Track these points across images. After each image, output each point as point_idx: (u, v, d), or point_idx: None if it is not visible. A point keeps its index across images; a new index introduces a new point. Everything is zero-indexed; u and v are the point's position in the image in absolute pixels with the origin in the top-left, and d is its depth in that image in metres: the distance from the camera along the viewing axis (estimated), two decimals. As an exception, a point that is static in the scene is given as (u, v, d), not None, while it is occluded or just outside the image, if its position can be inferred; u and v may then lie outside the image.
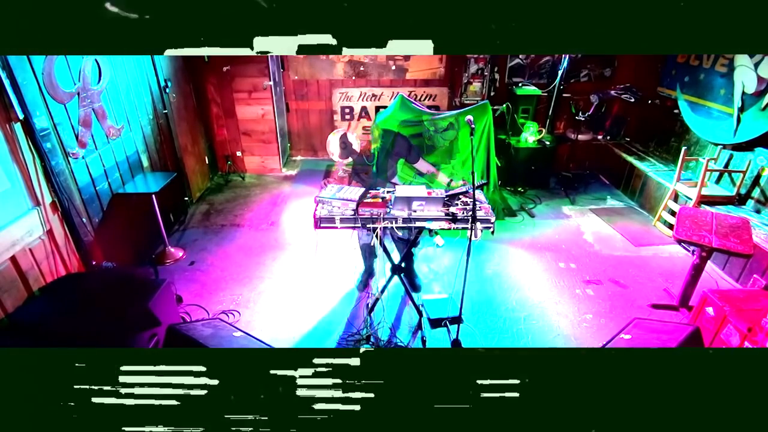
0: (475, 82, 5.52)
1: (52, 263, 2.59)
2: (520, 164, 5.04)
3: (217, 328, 2.34)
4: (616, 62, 5.41)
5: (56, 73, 2.63)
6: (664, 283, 3.45)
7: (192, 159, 4.80)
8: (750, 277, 3.29)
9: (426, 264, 3.67)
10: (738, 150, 3.93)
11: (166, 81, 4.14)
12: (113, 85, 3.30)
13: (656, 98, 5.13)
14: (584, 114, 5.11)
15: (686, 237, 2.87)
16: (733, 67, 3.87)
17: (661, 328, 2.31)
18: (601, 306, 3.19)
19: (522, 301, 3.24)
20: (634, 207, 4.84)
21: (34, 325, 2.17)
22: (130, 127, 3.53)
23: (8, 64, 2.24)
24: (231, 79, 5.12)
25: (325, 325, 2.99)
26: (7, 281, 2.26)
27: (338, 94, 5.68)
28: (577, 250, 3.93)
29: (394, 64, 5.55)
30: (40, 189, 2.51)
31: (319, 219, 2.50)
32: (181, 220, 4.38)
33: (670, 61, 4.85)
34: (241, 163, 5.65)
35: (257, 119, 5.36)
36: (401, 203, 2.51)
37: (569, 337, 2.89)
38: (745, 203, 3.80)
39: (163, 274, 3.44)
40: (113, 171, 3.27)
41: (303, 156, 6.20)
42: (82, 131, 2.90)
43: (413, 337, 2.90)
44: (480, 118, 3.77)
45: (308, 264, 3.60)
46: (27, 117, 2.38)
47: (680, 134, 4.82)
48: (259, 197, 5.02)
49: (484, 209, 2.59)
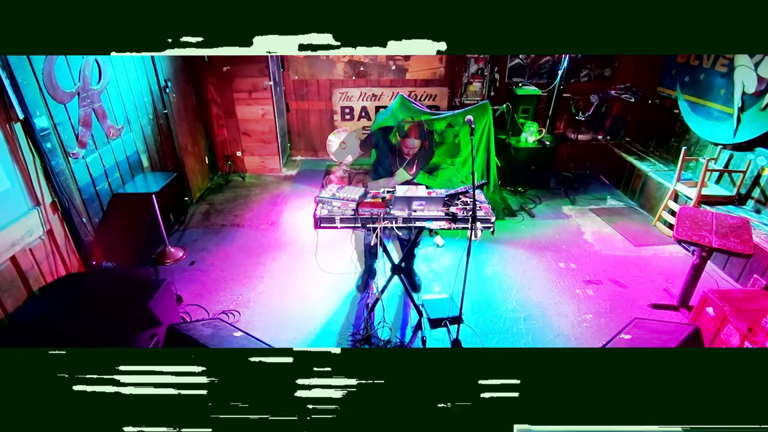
0: (475, 82, 5.52)
1: (52, 263, 2.59)
2: (520, 164, 5.04)
3: (217, 328, 2.34)
4: (616, 62, 5.41)
5: (56, 73, 2.62)
6: (664, 283, 3.45)
7: (192, 159, 4.80)
8: (750, 277, 3.29)
9: (426, 264, 3.67)
10: (738, 150, 3.93)
11: (166, 81, 4.14)
12: (113, 85, 3.30)
13: (656, 98, 5.13)
14: (584, 114, 5.11)
15: (686, 237, 2.87)
16: (733, 67, 3.87)
17: (661, 328, 2.31)
18: (601, 306, 3.19)
19: (522, 301, 3.24)
20: (634, 207, 4.84)
21: (34, 325, 2.16)
22: (130, 127, 3.53)
23: (8, 64, 2.24)
24: (231, 79, 5.12)
25: (325, 325, 2.99)
26: (7, 281, 2.26)
27: (338, 94, 5.67)
28: (577, 250, 3.93)
29: (394, 64, 5.55)
30: (40, 189, 2.51)
31: (319, 219, 2.50)
32: (181, 220, 4.38)
33: (670, 61, 4.85)
34: (241, 163, 5.65)
35: (257, 119, 5.36)
36: (401, 203, 2.51)
37: (569, 337, 2.89)
38: (745, 203, 3.80)
39: (163, 274, 3.45)
40: (113, 171, 3.27)
41: (303, 156, 6.20)
42: (82, 131, 2.90)
43: (413, 337, 2.90)
44: (480, 118, 3.77)
45: (308, 264, 3.60)
46: (27, 117, 2.37)
47: (680, 134, 4.82)
48: (259, 197, 5.02)
49: (484, 209, 2.58)
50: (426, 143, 3.33)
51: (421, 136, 3.26)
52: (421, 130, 3.27)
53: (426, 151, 3.43)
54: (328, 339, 2.87)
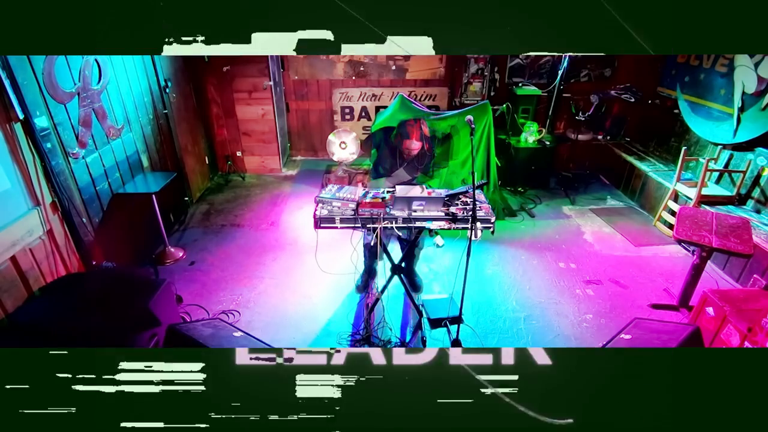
0: (475, 82, 5.52)
1: (52, 263, 2.59)
2: (520, 164, 5.03)
3: (217, 328, 2.34)
4: (616, 62, 5.41)
5: (56, 73, 2.62)
6: (664, 283, 3.45)
7: (192, 159, 4.80)
8: (750, 277, 3.29)
9: (426, 264, 3.67)
10: (738, 150, 3.93)
11: (166, 81, 4.14)
12: (113, 85, 3.30)
13: (656, 98, 5.13)
14: (584, 114, 5.11)
15: (686, 237, 2.87)
16: (733, 67, 3.86)
17: (661, 328, 2.31)
18: (601, 306, 3.19)
19: (522, 301, 3.24)
20: (634, 207, 4.84)
21: (34, 325, 2.16)
22: (130, 127, 3.53)
23: (8, 64, 2.24)
24: (231, 79, 5.12)
25: (325, 325, 3.00)
26: (7, 281, 2.26)
27: (338, 94, 5.67)
28: (577, 250, 3.93)
29: (394, 64, 5.54)
30: (40, 189, 2.51)
31: (319, 219, 2.50)
32: (181, 220, 4.38)
33: (670, 61, 4.84)
34: (241, 163, 5.65)
35: (257, 119, 5.36)
36: (401, 203, 2.51)
37: (569, 337, 2.89)
38: (745, 203, 3.80)
39: (163, 274, 3.44)
40: (113, 171, 3.27)
41: (303, 156, 6.20)
42: (82, 131, 2.90)
43: (413, 337, 2.90)
44: (480, 118, 3.76)
45: (308, 264, 3.60)
46: (27, 117, 2.37)
47: (680, 134, 4.82)
48: (259, 197, 5.02)
49: (484, 209, 2.58)
50: (426, 144, 3.33)
51: (422, 137, 3.26)
52: (421, 131, 3.26)
53: (426, 152, 3.42)
54: (328, 339, 2.87)
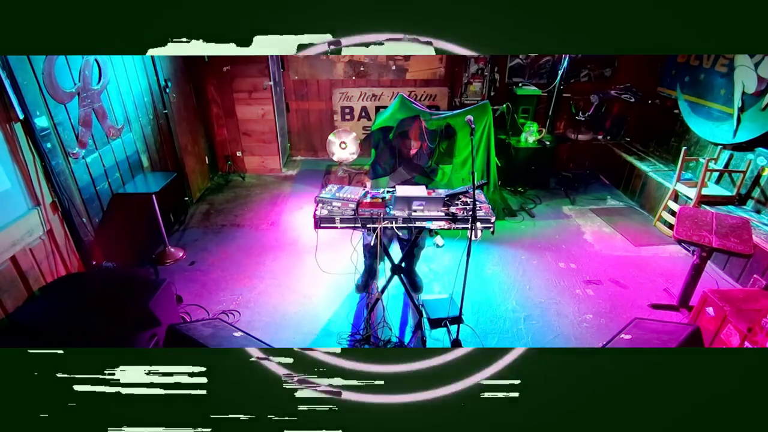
0: (475, 82, 5.52)
1: (52, 263, 2.59)
2: (520, 164, 5.03)
3: (217, 328, 2.34)
4: (616, 62, 5.41)
5: (56, 73, 2.62)
6: (664, 283, 3.45)
7: (192, 159, 4.80)
8: (750, 277, 3.29)
9: (426, 264, 3.67)
10: (738, 150, 3.93)
11: (166, 81, 4.14)
12: (113, 85, 3.30)
13: (656, 98, 5.12)
14: (584, 114, 5.12)
15: (686, 237, 2.87)
16: (733, 67, 3.86)
17: (661, 328, 2.31)
18: (601, 306, 3.19)
19: (522, 301, 3.24)
20: (634, 207, 4.84)
21: (34, 325, 2.16)
22: (130, 127, 3.53)
23: (8, 64, 2.24)
24: (231, 79, 5.12)
25: (325, 325, 2.99)
26: (7, 281, 2.26)
27: (338, 94, 5.67)
28: (577, 250, 3.93)
29: (394, 64, 5.55)
30: (40, 189, 2.51)
31: (319, 219, 2.50)
32: (181, 220, 4.38)
33: (670, 61, 4.84)
34: (241, 163, 5.65)
35: (257, 119, 5.36)
36: (401, 203, 2.51)
37: (569, 337, 2.89)
38: (745, 203, 3.80)
39: (163, 274, 3.44)
40: (113, 171, 3.27)
41: (303, 156, 6.20)
42: (82, 131, 2.90)
43: (413, 337, 2.90)
44: (480, 118, 3.76)
45: (308, 264, 3.60)
46: (27, 117, 2.37)
47: (680, 134, 4.82)
48: (259, 197, 5.02)
49: (484, 209, 2.58)
50: (425, 144, 3.33)
51: (421, 136, 3.26)
52: (420, 130, 3.27)
53: (424, 151, 3.42)
54: (328, 339, 2.87)
